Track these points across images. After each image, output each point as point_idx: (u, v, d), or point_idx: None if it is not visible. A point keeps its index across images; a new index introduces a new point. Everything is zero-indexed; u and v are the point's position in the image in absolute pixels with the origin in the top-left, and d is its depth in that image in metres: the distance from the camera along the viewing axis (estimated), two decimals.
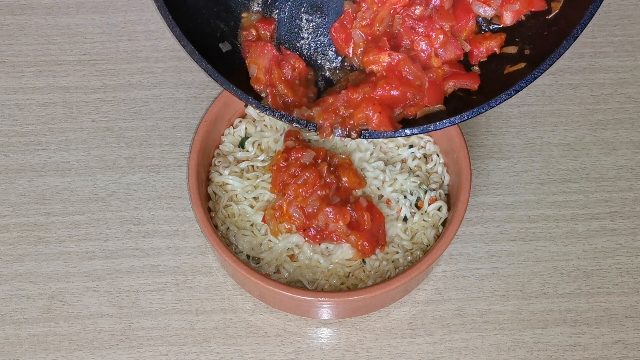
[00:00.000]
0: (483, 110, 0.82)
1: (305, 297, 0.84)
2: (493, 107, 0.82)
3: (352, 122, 0.83)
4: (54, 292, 0.93)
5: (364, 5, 0.86)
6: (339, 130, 0.83)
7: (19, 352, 0.90)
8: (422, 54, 0.85)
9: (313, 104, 0.85)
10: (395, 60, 0.83)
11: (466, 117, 0.82)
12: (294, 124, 0.83)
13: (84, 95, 1.04)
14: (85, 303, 0.92)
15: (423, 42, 0.85)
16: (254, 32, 0.88)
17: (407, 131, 0.83)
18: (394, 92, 0.83)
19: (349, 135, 0.83)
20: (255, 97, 0.85)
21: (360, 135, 0.83)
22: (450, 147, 0.92)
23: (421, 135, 0.96)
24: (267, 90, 0.85)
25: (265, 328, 0.91)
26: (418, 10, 0.84)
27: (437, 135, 0.95)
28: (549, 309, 0.92)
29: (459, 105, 0.84)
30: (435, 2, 0.85)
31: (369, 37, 0.86)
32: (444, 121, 0.83)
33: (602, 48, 1.08)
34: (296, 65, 0.86)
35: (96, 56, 1.07)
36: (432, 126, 0.83)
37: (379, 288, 0.84)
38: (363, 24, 0.86)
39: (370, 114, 0.82)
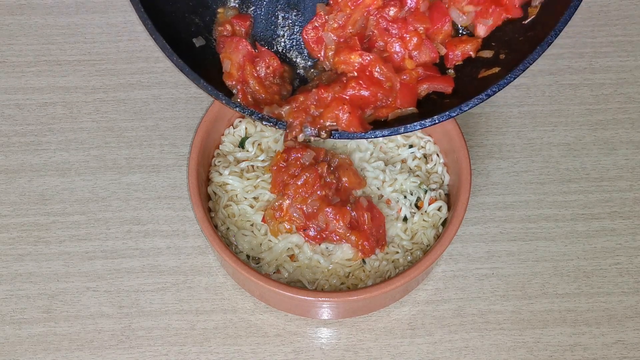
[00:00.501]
0: (454, 114, 0.82)
1: (305, 297, 0.84)
2: (465, 111, 0.81)
3: (321, 121, 0.83)
4: (54, 292, 0.93)
5: (336, 7, 0.85)
6: (309, 129, 0.82)
7: (19, 352, 0.90)
8: (395, 55, 0.84)
9: (284, 102, 0.84)
10: (367, 61, 0.83)
11: (437, 121, 0.82)
12: (264, 122, 0.83)
13: (84, 95, 1.04)
14: (85, 303, 0.92)
15: (397, 44, 0.84)
16: (229, 28, 0.87)
17: (377, 132, 0.83)
18: (364, 93, 0.83)
19: (318, 135, 0.83)
20: (227, 94, 0.84)
21: (330, 135, 0.83)
22: (450, 147, 0.92)
23: (421, 135, 0.96)
24: (238, 87, 0.84)
25: (265, 328, 0.91)
26: (392, 11, 0.84)
27: (437, 135, 0.95)
28: (549, 309, 0.92)
29: (432, 108, 0.84)
30: (410, 4, 0.84)
31: (341, 40, 0.85)
32: (415, 124, 0.82)
33: (602, 48, 1.08)
34: (270, 63, 0.85)
35: (96, 56, 1.07)
36: (402, 128, 0.83)
37: (379, 288, 0.84)
38: (335, 26, 0.85)
39: (340, 114, 0.82)
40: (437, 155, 0.95)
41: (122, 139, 1.01)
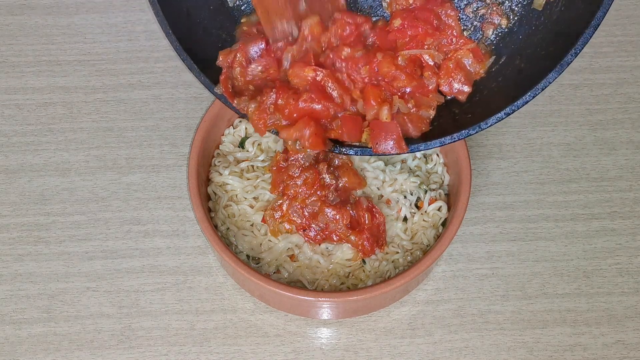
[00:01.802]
0: (474, 132, 0.83)
1: (305, 297, 0.84)
2: (484, 129, 0.82)
3: (286, 135, 0.84)
4: (54, 292, 0.93)
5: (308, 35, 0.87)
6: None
7: (19, 352, 0.90)
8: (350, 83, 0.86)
9: (254, 93, 0.85)
10: (320, 76, 0.84)
11: (457, 138, 0.83)
12: (234, 111, 0.85)
13: (84, 95, 1.04)
14: (85, 303, 0.92)
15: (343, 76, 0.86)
16: (254, 30, 0.88)
17: (418, 145, 0.85)
18: (316, 106, 0.83)
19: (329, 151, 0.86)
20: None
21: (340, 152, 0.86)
22: (450, 147, 0.92)
23: None
24: (224, 70, 0.85)
25: (265, 328, 0.91)
26: (345, 52, 0.85)
27: None
28: (549, 309, 0.92)
29: (452, 124, 0.85)
30: (370, 39, 0.86)
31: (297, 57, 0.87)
32: (435, 141, 0.84)
33: (602, 48, 1.08)
34: (267, 69, 0.86)
35: (96, 56, 1.07)
36: (422, 146, 0.85)
37: (379, 288, 0.84)
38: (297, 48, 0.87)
39: (306, 134, 0.83)
40: (437, 155, 0.95)
41: (122, 139, 1.01)
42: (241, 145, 0.96)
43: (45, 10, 1.09)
